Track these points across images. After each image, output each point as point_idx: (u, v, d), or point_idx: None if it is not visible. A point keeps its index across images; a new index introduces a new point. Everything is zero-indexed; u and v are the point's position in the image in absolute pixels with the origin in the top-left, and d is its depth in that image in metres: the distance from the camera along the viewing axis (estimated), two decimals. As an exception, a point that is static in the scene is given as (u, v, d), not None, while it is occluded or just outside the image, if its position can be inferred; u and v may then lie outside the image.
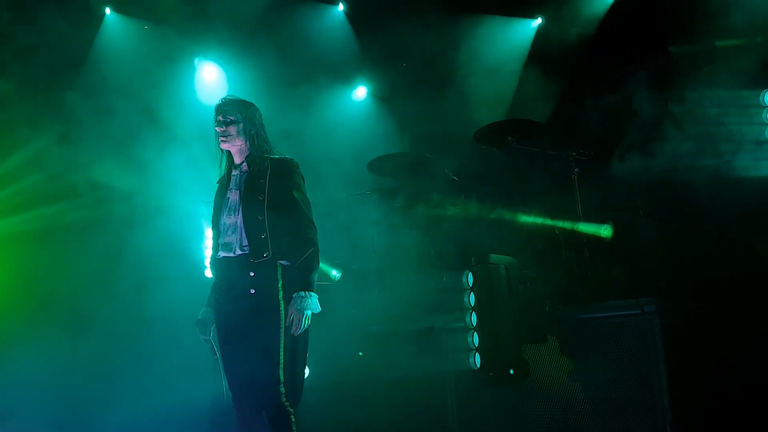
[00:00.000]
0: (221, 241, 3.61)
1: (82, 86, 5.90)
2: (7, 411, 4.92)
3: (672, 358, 4.25)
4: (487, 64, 6.80)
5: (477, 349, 4.66)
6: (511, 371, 4.60)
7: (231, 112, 3.68)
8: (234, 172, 3.72)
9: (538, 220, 5.45)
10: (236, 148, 3.71)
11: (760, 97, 5.07)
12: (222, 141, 3.69)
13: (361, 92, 7.64)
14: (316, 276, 3.55)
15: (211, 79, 6.35)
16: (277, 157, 3.71)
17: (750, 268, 4.64)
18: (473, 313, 4.71)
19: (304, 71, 6.63)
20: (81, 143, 5.49)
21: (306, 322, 3.46)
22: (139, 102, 5.63)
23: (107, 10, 6.31)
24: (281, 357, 3.44)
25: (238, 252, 3.54)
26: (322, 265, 5.81)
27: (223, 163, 3.78)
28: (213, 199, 3.78)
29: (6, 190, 5.52)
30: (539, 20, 7.30)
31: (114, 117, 5.55)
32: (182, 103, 5.83)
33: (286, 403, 3.45)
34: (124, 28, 6.32)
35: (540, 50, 7.01)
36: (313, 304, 3.48)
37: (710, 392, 4.30)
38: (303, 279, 3.50)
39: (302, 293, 3.46)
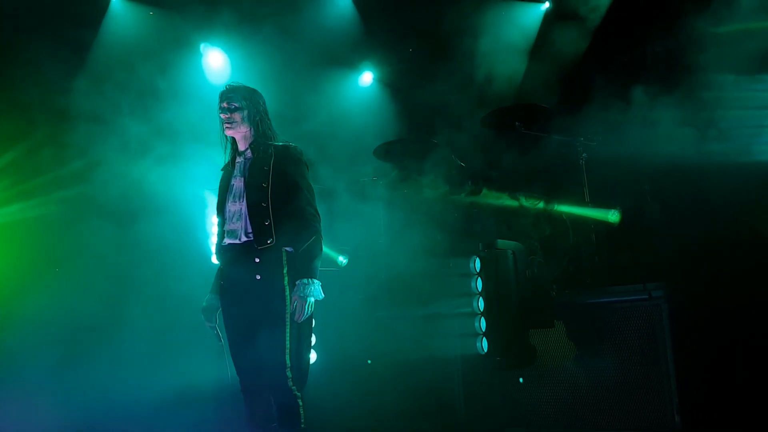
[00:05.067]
0: (226, 227, 3.62)
1: (88, 72, 5.90)
2: (8, 400, 4.95)
3: (679, 342, 4.25)
4: (495, 49, 6.74)
5: (484, 334, 4.67)
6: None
7: (235, 98, 3.68)
8: (238, 159, 3.73)
9: (546, 206, 5.43)
10: (240, 134, 3.71)
11: (771, 81, 5.02)
12: (226, 128, 3.69)
13: (367, 78, 7.61)
14: (318, 263, 3.56)
15: (216, 65, 6.33)
16: (281, 144, 3.71)
17: (758, 253, 4.61)
18: (480, 298, 4.72)
19: (309, 57, 6.60)
20: (86, 129, 5.49)
21: (309, 309, 3.48)
22: (144, 88, 5.62)
23: (113, -4, 6.30)
24: (287, 342, 3.47)
25: (244, 239, 3.55)
26: (329, 252, 5.83)
27: (228, 150, 3.79)
28: (218, 185, 3.79)
29: (13, 176, 5.53)
30: (547, 4, 7.25)
31: (119, 103, 5.55)
32: (188, 89, 5.81)
33: (293, 387, 3.48)
34: (129, 14, 6.30)
35: (548, 34, 6.95)
36: (316, 291, 3.49)
37: (717, 376, 4.29)
38: (306, 266, 3.51)
39: (305, 280, 3.48)
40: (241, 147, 3.74)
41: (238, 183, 3.65)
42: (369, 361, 5.53)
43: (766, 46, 5.00)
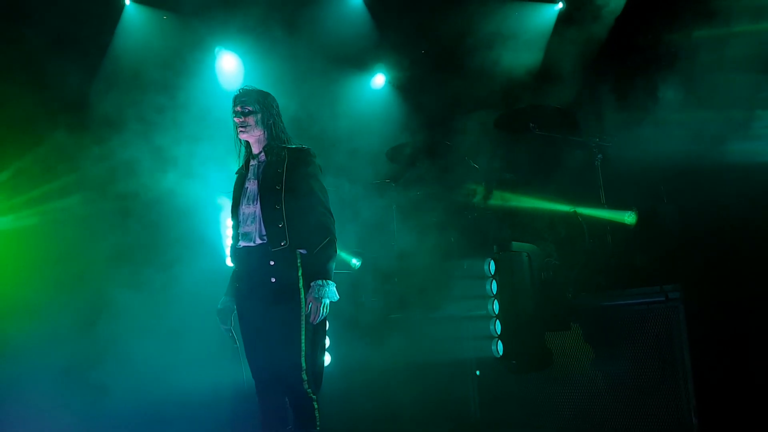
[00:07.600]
0: (241, 230, 3.63)
1: (103, 77, 5.94)
2: (26, 393, 5.00)
3: (696, 344, 4.21)
4: (508, 50, 6.73)
5: (499, 337, 4.64)
6: (477, 372, 4.60)
7: (249, 102, 3.69)
8: (252, 162, 3.74)
9: (561, 208, 5.41)
10: (254, 138, 3.73)
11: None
12: (240, 131, 3.70)
13: (379, 80, 7.61)
14: (333, 264, 3.56)
15: (230, 68, 6.35)
16: (294, 146, 3.72)
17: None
18: (495, 301, 4.69)
19: (322, 60, 6.61)
20: (101, 133, 5.53)
21: (324, 311, 3.49)
22: (158, 92, 5.65)
23: (127, 1, 6.34)
24: (303, 344, 3.47)
25: (258, 241, 3.56)
26: (343, 254, 5.84)
27: (242, 153, 3.80)
28: (232, 189, 3.80)
29: (33, 180, 5.58)
30: (560, 4, 7.22)
31: (133, 107, 5.58)
32: (202, 93, 5.84)
33: (309, 390, 3.48)
34: (143, 19, 6.34)
35: (562, 35, 6.93)
36: (330, 292, 3.49)
37: (734, 378, 4.25)
38: (320, 268, 3.51)
39: (320, 282, 3.48)
40: (255, 150, 3.75)
41: (252, 186, 3.66)
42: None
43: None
